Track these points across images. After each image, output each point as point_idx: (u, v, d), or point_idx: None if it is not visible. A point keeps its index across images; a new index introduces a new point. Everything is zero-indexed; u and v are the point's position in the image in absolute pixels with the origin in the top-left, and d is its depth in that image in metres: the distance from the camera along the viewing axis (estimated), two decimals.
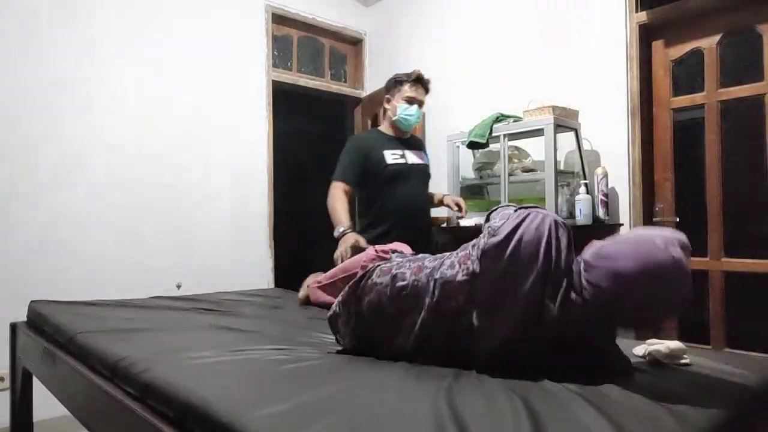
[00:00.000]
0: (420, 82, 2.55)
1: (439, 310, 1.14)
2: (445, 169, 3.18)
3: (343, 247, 2.16)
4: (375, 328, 1.26)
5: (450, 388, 0.99)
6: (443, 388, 0.99)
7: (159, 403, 1.08)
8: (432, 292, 1.15)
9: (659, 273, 0.95)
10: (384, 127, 2.68)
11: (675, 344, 1.19)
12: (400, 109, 2.52)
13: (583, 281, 1.03)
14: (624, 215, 2.80)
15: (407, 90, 2.53)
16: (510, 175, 2.87)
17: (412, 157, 2.62)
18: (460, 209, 2.63)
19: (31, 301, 2.07)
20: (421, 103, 2.57)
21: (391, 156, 2.55)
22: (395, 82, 2.58)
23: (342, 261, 2.07)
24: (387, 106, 2.62)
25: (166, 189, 3.20)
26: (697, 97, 2.68)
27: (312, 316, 1.91)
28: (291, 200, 4.94)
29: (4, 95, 2.69)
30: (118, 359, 1.28)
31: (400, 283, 1.22)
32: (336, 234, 2.23)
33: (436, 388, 0.99)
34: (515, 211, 1.14)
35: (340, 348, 1.37)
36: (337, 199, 2.40)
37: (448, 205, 2.70)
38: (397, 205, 2.53)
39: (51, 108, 2.82)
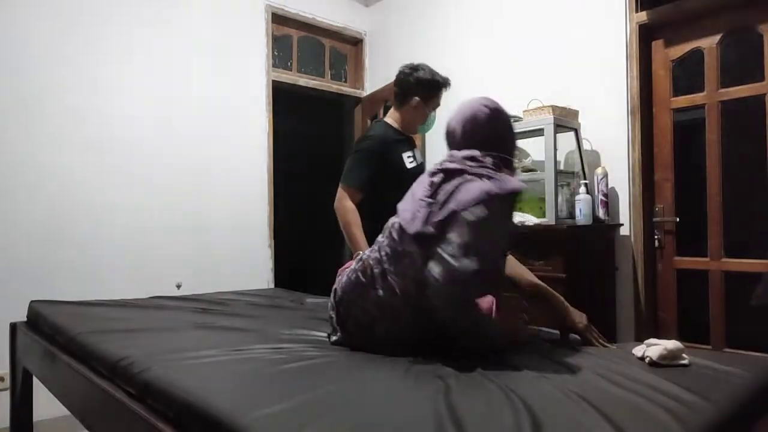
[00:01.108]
0: (449, 88, 2.38)
1: (388, 242, 1.35)
2: None
3: None
4: (352, 300, 1.37)
5: (449, 388, 0.99)
6: (442, 387, 0.99)
7: (158, 402, 1.08)
8: (382, 239, 1.40)
9: (476, 107, 1.38)
10: (394, 123, 2.39)
11: (673, 344, 1.19)
12: (431, 118, 2.34)
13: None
14: (624, 215, 2.80)
15: (440, 97, 2.35)
16: None
17: (419, 156, 2.45)
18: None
19: (31, 301, 2.07)
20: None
21: (408, 159, 2.33)
22: (434, 87, 2.32)
23: None
24: (415, 107, 2.32)
25: (166, 189, 3.20)
26: (697, 97, 2.67)
27: (311, 316, 1.91)
28: (291, 200, 4.94)
29: (7, 96, 2.69)
30: (117, 359, 1.29)
31: (362, 255, 1.42)
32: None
33: (436, 388, 0.99)
34: None
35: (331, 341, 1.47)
36: (352, 216, 2.16)
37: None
38: None
39: (51, 109, 2.82)
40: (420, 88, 2.30)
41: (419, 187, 1.36)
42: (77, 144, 2.90)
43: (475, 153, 1.32)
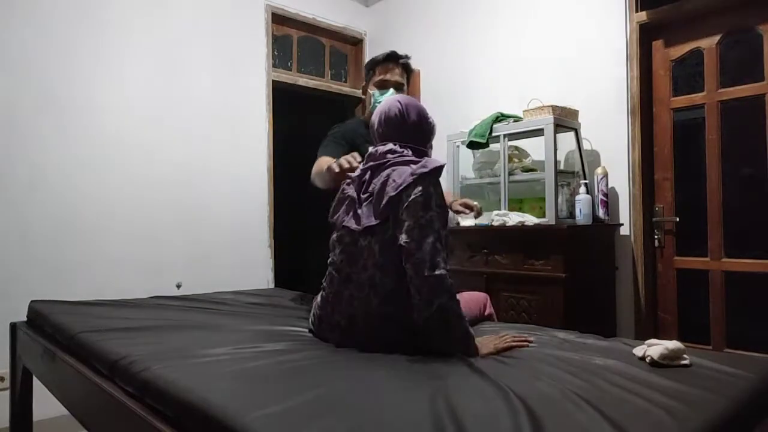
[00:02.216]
0: (392, 60, 2.19)
1: (340, 250, 1.49)
2: (445, 169, 3.17)
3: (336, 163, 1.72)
4: (329, 312, 1.47)
5: (448, 388, 0.99)
6: (442, 387, 0.99)
7: (158, 402, 1.08)
8: (332, 256, 1.55)
9: (392, 102, 1.55)
10: (366, 118, 2.32)
11: (674, 344, 1.19)
12: (374, 96, 2.17)
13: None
14: (624, 215, 2.80)
15: (378, 73, 2.19)
16: (510, 175, 2.87)
17: None
18: (471, 210, 2.19)
19: (31, 301, 2.07)
20: (398, 85, 2.18)
21: None
22: (368, 67, 2.25)
23: (341, 167, 1.69)
24: (363, 96, 2.31)
25: (166, 188, 3.20)
26: (697, 97, 2.68)
27: None
28: (291, 200, 4.93)
29: (10, 96, 2.69)
30: (117, 358, 1.28)
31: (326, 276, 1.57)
32: (328, 171, 1.81)
33: (435, 388, 0.99)
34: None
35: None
36: (322, 162, 2.05)
37: (458, 211, 2.24)
38: None
39: (53, 109, 2.82)
40: (365, 73, 2.28)
41: (351, 191, 1.51)
42: (76, 144, 2.89)
43: (394, 147, 1.49)
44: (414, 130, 1.53)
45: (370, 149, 1.55)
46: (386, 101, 1.58)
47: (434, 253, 1.30)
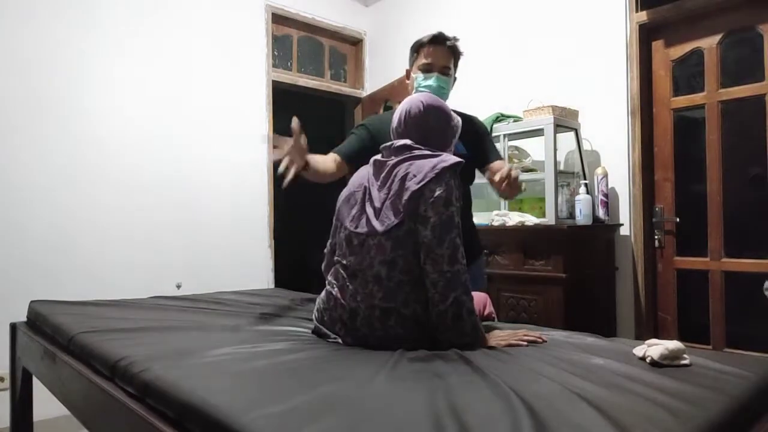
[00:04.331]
0: (438, 42, 1.97)
1: (348, 250, 1.49)
2: None
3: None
4: (332, 306, 1.47)
5: (448, 387, 0.99)
6: (442, 386, 0.99)
7: (158, 402, 1.08)
8: (340, 253, 1.53)
9: (414, 102, 1.53)
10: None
11: (674, 344, 1.19)
12: (416, 80, 1.99)
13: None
14: (624, 215, 2.80)
15: (423, 55, 1.99)
16: None
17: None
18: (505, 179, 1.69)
19: (31, 301, 2.07)
20: (444, 70, 1.97)
21: None
22: (413, 49, 2.05)
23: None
24: (407, 81, 2.10)
25: (166, 189, 3.20)
26: (697, 97, 2.68)
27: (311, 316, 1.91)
28: (291, 200, 4.93)
29: (7, 95, 2.69)
30: (117, 359, 1.28)
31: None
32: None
33: (435, 387, 0.99)
34: None
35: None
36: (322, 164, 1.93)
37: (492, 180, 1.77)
38: None
39: (53, 109, 2.82)
40: (410, 55, 2.08)
41: (361, 191, 1.49)
42: (76, 146, 2.89)
43: (408, 142, 1.47)
44: (435, 132, 1.51)
45: (384, 145, 1.53)
46: (408, 100, 1.55)
47: (454, 249, 1.34)
